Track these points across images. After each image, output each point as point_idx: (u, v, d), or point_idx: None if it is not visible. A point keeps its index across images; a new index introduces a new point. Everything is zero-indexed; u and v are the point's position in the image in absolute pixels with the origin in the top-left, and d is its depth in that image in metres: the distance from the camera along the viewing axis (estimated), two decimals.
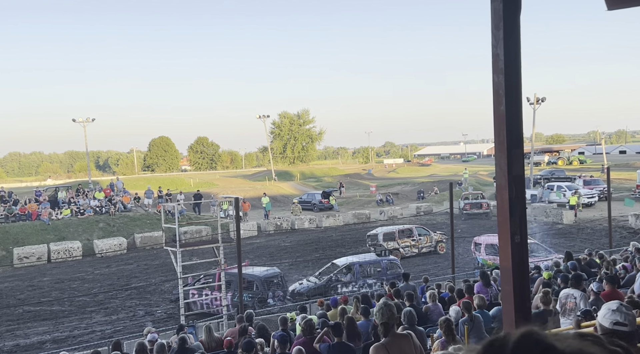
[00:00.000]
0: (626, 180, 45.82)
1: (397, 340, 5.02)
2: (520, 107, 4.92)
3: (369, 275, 19.13)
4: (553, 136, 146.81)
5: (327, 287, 18.57)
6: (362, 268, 19.24)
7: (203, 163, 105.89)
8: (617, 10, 6.26)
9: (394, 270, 19.25)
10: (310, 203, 44.98)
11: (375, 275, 19.09)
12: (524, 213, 4.91)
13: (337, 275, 18.92)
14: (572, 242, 26.77)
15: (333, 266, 19.66)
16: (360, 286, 18.59)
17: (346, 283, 18.73)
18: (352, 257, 20.39)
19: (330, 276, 18.86)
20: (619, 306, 2.93)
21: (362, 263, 19.36)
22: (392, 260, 19.89)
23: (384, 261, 19.51)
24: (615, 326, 2.87)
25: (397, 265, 19.57)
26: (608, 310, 2.94)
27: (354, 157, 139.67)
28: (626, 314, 2.86)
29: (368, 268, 19.42)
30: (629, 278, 10.93)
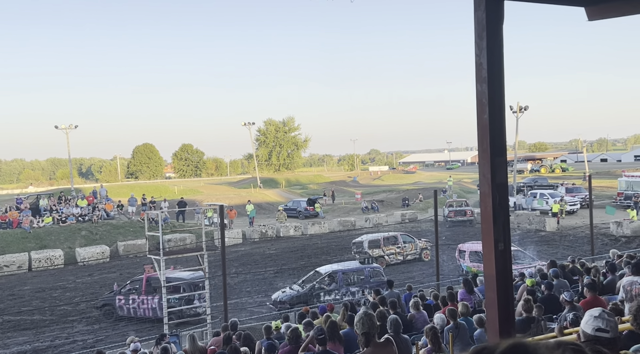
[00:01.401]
0: (607, 188, 46.46)
1: (378, 350, 5.02)
2: (503, 116, 4.98)
3: (352, 283, 19.05)
4: (536, 144, 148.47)
5: (310, 295, 18.46)
6: (345, 276, 19.14)
7: (187, 170, 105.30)
8: (597, 20, 6.38)
9: (377, 278, 19.20)
10: (295, 210, 44.91)
11: (359, 283, 19.02)
12: (507, 221, 4.95)
13: (320, 283, 18.83)
14: (555, 249, 27.02)
15: (316, 274, 19.56)
16: (343, 294, 18.51)
17: (329, 291, 18.63)
18: (336, 265, 20.31)
19: (313, 284, 18.76)
20: (601, 312, 2.97)
21: (345, 271, 19.28)
22: (375, 268, 19.84)
23: (367, 269, 19.46)
24: (597, 332, 2.90)
25: (380, 273, 19.53)
26: (590, 317, 2.98)
27: (339, 165, 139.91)
28: (608, 321, 2.90)
29: (351, 276, 19.34)
30: (608, 283, 11.04)
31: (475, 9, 4.95)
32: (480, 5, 4.88)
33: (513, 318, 5.46)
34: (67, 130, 46.30)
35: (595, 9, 6.13)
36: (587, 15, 6.25)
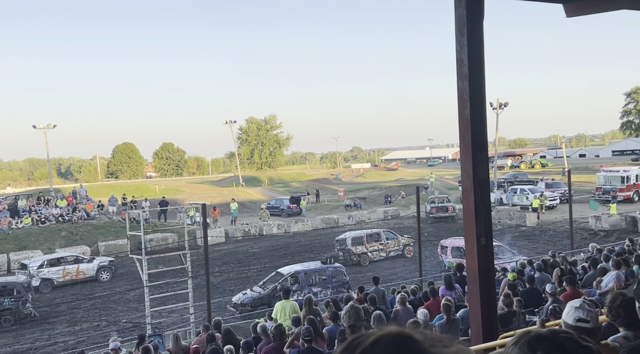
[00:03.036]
0: (586, 183, 47.14)
1: None
2: (484, 112, 5.03)
3: (314, 284, 18.73)
4: (516, 140, 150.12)
5: (272, 297, 17.94)
6: (307, 277, 18.81)
7: (169, 169, 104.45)
8: (575, 17, 6.47)
9: (339, 278, 19.03)
10: (278, 208, 44.83)
11: (321, 283, 18.79)
12: (489, 216, 5.01)
13: (282, 284, 18.33)
14: (536, 244, 27.38)
15: (278, 275, 19.19)
16: (306, 294, 18.32)
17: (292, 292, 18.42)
18: (298, 265, 19.96)
19: (275, 285, 18.25)
20: (582, 303, 3.06)
21: (308, 272, 18.95)
22: (337, 268, 19.52)
23: (329, 269, 19.12)
24: (578, 322, 2.97)
25: (342, 273, 19.31)
26: (572, 308, 3.05)
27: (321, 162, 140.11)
28: (588, 311, 2.97)
29: (313, 277, 19.05)
30: (587, 278, 11.23)
31: (455, 6, 4.99)
32: (460, 3, 4.92)
33: (495, 312, 5.53)
34: (46, 129, 45.63)
35: (573, 5, 6.22)
36: (566, 11, 6.34)
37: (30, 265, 24.23)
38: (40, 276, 23.77)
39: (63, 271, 24.33)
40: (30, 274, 23.31)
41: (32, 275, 23.40)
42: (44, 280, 23.79)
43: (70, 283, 24.20)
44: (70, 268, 24.59)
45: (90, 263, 25.30)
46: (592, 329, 2.93)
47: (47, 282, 23.91)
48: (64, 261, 24.86)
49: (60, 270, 24.31)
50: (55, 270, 24.33)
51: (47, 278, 23.96)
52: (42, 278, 23.80)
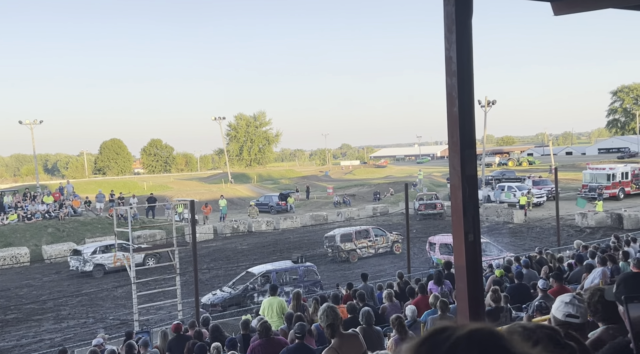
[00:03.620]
0: (573, 180, 47.58)
1: (346, 341, 5.07)
2: (472, 109, 5.04)
3: (285, 283, 18.36)
4: (503, 138, 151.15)
5: (243, 297, 17.82)
6: (278, 276, 18.46)
7: (157, 166, 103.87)
8: (563, 15, 6.51)
9: (311, 277, 18.80)
10: (267, 205, 44.77)
11: (292, 283, 18.37)
12: (477, 213, 5.03)
13: (253, 284, 18.10)
14: (523, 241, 27.60)
15: (248, 275, 18.81)
16: (278, 294, 18.04)
17: (263, 292, 17.68)
18: (269, 265, 19.66)
19: (247, 285, 18.02)
20: (572, 298, 3.08)
21: (279, 271, 18.65)
22: (309, 267, 19.26)
23: (300, 268, 18.84)
24: (568, 317, 3.01)
25: (314, 272, 19.11)
26: (561, 303, 3.08)
27: (311, 159, 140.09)
28: (578, 307, 3.01)
29: (285, 276, 18.71)
30: (574, 274, 11.35)
31: (445, 3, 5.00)
32: (449, 0, 4.93)
33: (483, 308, 5.56)
34: (32, 125, 45.11)
35: (560, 4, 6.25)
36: (553, 10, 6.37)
37: (84, 251, 25.45)
38: (94, 262, 25.10)
39: (114, 258, 24.97)
40: (85, 259, 24.92)
41: (86, 260, 24.96)
42: (96, 265, 25.06)
43: (121, 269, 24.10)
44: (120, 255, 24.68)
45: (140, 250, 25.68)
46: (581, 324, 2.96)
47: (100, 267, 25.16)
48: (115, 248, 25.21)
49: (111, 256, 25.18)
50: (107, 256, 25.37)
51: (100, 264, 25.21)
52: (95, 264, 25.04)
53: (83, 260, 25.04)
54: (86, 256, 25.15)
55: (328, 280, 21.94)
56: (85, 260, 25.05)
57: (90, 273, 24.80)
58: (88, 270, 24.75)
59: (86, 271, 24.66)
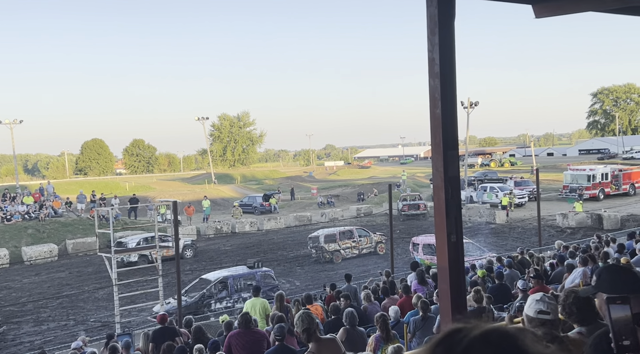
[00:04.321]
0: (554, 181, 48.16)
1: (323, 345, 5.08)
2: (455, 110, 5.07)
3: (242, 289, 17.98)
4: (486, 139, 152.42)
5: (200, 304, 17.22)
6: (235, 282, 18.00)
7: (139, 166, 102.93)
8: (544, 18, 6.58)
9: (268, 281, 18.37)
10: (251, 206, 44.62)
11: (249, 289, 17.57)
12: (459, 213, 5.06)
13: (209, 291, 17.46)
14: (505, 241, 27.86)
15: (202, 282, 18.23)
16: (235, 301, 17.43)
17: (220, 299, 17.35)
18: (225, 271, 19.11)
19: (203, 293, 17.41)
20: (542, 296, 3.20)
21: (236, 277, 18.14)
22: (266, 272, 18.82)
23: (257, 274, 18.32)
24: (539, 314, 3.10)
25: (271, 277, 18.77)
26: (533, 300, 3.19)
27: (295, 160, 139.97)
28: (549, 304, 3.11)
29: (241, 282, 18.27)
30: (555, 274, 11.48)
31: (427, 5, 5.03)
32: (432, 2, 4.95)
33: (465, 309, 5.60)
34: (12, 125, 44.44)
35: (542, 6, 6.32)
36: (535, 12, 6.44)
37: (129, 242, 26.34)
38: (138, 253, 25.65)
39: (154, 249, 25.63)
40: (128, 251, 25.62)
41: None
42: (140, 256, 25.59)
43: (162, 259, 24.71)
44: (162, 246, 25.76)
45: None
46: (553, 320, 3.04)
47: (144, 258, 25.64)
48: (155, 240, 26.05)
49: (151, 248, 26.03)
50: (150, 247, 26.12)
51: (143, 255, 25.72)
52: (139, 255, 25.55)
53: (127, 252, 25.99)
54: (130, 247, 25.81)
55: (312, 281, 21.95)
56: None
57: (135, 262, 25.17)
58: (133, 260, 25.32)
59: (131, 261, 25.14)
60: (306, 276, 23.37)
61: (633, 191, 40.00)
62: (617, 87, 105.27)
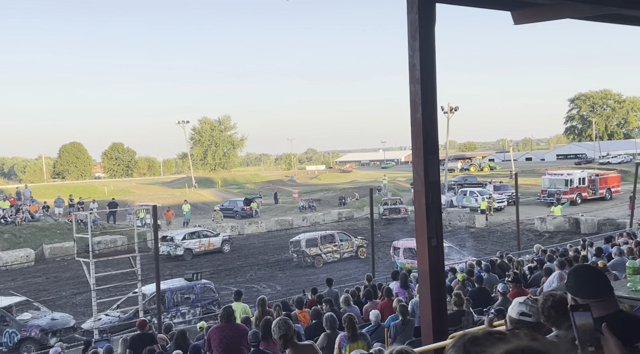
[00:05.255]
0: (532, 185, 48.78)
1: (300, 351, 5.08)
2: (435, 115, 5.12)
3: (180, 303, 17.28)
4: (465, 144, 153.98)
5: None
6: (172, 295, 17.13)
7: (118, 170, 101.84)
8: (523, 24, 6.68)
9: (207, 295, 17.83)
10: (232, 210, 44.41)
11: (188, 303, 17.38)
12: (439, 218, 5.10)
13: (145, 306, 16.47)
14: (484, 245, 28.13)
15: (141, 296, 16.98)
16: (173, 315, 16.66)
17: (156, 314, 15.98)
18: (162, 284, 16.88)
19: (137, 308, 16.44)
20: (526, 299, 3.28)
21: (173, 290, 17.26)
22: (205, 284, 18.17)
23: (196, 286, 17.67)
24: (521, 316, 3.18)
25: (211, 289, 18.16)
26: (516, 303, 3.27)
27: (276, 164, 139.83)
28: (531, 306, 3.18)
29: (179, 295, 17.41)
30: (534, 278, 11.62)
31: (408, 11, 5.07)
32: (413, 7, 5.00)
33: (445, 312, 5.64)
34: None
35: (520, 13, 6.42)
36: (513, 19, 6.53)
37: (175, 237, 28.70)
38: (184, 246, 28.35)
39: (199, 243, 28.99)
40: (176, 244, 28.16)
41: (177, 245, 28.20)
42: (186, 249, 28.31)
43: (203, 253, 28.99)
44: (204, 241, 29.41)
45: (216, 237, 30.28)
46: (535, 323, 3.08)
47: (189, 251, 28.41)
48: (199, 235, 29.78)
49: (197, 242, 29.07)
50: (194, 242, 28.99)
51: (188, 248, 28.50)
52: (185, 248, 28.28)
53: (175, 245, 28.15)
54: (177, 242, 28.25)
55: (293, 285, 21.89)
56: (176, 245, 28.16)
57: (182, 256, 28.00)
58: (179, 253, 27.99)
59: (178, 255, 27.93)
60: (287, 281, 23.30)
61: (609, 195, 40.70)
62: (594, 93, 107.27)
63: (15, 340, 14.87)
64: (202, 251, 28.88)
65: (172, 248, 28.13)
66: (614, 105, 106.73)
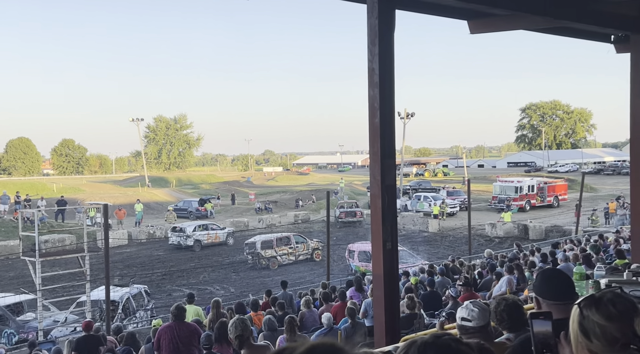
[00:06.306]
0: (484, 192, 50.02)
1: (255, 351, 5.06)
2: (393, 120, 5.19)
3: None
4: (420, 149, 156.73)
5: None
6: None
7: (68, 167, 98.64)
8: (478, 34, 6.85)
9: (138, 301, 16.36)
10: (186, 210, 43.71)
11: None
12: (395, 221, 5.16)
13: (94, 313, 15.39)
14: (437, 249, 28.65)
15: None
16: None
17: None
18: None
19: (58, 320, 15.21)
20: (468, 304, 3.26)
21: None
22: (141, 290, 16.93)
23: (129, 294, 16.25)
24: (462, 321, 3.18)
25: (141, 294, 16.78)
26: (460, 307, 3.27)
27: (233, 165, 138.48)
28: (471, 311, 3.17)
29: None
30: (485, 282, 11.90)
31: (368, 16, 5.12)
32: (373, 13, 5.05)
33: (398, 315, 5.71)
34: None
35: (476, 22, 6.58)
36: (470, 28, 6.70)
37: (187, 229, 30.51)
38: (194, 238, 29.94)
39: (207, 235, 30.69)
40: (187, 235, 29.79)
41: (188, 235, 29.80)
42: (196, 240, 29.97)
43: (211, 245, 30.60)
44: (212, 233, 31.14)
45: (222, 230, 32.06)
46: (475, 328, 3.10)
47: (198, 242, 30.05)
48: (207, 227, 31.52)
49: (206, 234, 30.76)
50: (204, 234, 30.68)
51: (198, 239, 30.11)
52: (195, 239, 29.92)
53: (185, 236, 29.71)
54: (188, 233, 29.88)
55: (247, 288, 21.72)
56: (187, 236, 29.71)
57: (192, 247, 29.58)
58: (190, 244, 29.62)
59: (189, 245, 29.55)
60: (241, 283, 23.11)
61: (557, 203, 42.17)
62: (544, 103, 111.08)
63: (13, 341, 14.05)
64: (209, 243, 30.55)
65: (183, 238, 29.75)
66: (563, 116, 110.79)
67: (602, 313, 1.54)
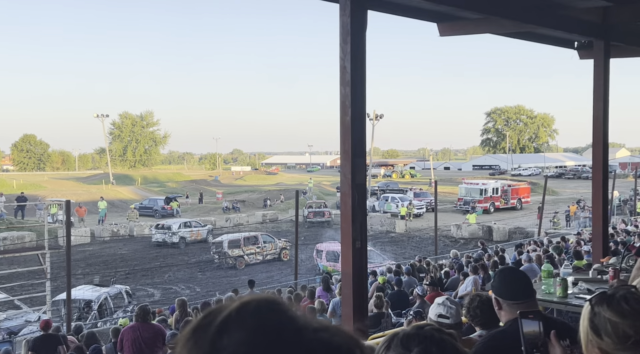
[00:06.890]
0: (449, 193, 50.74)
1: None
2: (364, 118, 5.19)
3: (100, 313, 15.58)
4: (388, 151, 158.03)
5: None
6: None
7: (29, 163, 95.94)
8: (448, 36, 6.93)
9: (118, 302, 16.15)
10: (151, 209, 43.02)
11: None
12: (364, 220, 5.17)
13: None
14: (404, 249, 28.92)
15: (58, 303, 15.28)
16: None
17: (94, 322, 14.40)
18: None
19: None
20: (444, 300, 3.33)
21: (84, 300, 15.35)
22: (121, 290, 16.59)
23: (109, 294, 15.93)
24: (439, 318, 3.21)
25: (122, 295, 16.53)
26: (435, 304, 3.32)
27: (200, 163, 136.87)
28: (449, 308, 3.22)
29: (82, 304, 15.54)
30: (451, 282, 12.07)
31: (340, 14, 5.12)
32: (345, 11, 5.05)
33: (366, 314, 5.73)
34: None
35: (446, 25, 6.65)
36: (439, 31, 6.77)
37: (172, 226, 30.89)
38: (179, 235, 30.35)
39: (191, 233, 31.21)
40: (172, 233, 30.20)
41: (174, 232, 30.21)
42: (181, 237, 30.39)
43: (193, 241, 30.88)
44: (195, 231, 31.68)
45: (203, 227, 32.65)
46: (452, 325, 3.15)
47: (183, 239, 30.45)
48: (190, 225, 32.21)
49: (189, 231, 31.22)
50: (188, 231, 31.21)
51: (183, 237, 30.59)
52: (180, 236, 30.38)
53: (171, 233, 30.14)
54: (174, 230, 30.37)
55: (214, 287, 21.51)
56: (173, 233, 30.11)
57: (177, 244, 29.90)
58: (175, 241, 30.00)
59: (174, 242, 29.93)
60: (207, 282, 22.87)
61: (520, 205, 43.09)
62: (509, 108, 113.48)
63: None
64: (193, 240, 30.96)
65: (169, 236, 30.08)
66: (527, 120, 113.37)
67: (614, 310, 1.53)
